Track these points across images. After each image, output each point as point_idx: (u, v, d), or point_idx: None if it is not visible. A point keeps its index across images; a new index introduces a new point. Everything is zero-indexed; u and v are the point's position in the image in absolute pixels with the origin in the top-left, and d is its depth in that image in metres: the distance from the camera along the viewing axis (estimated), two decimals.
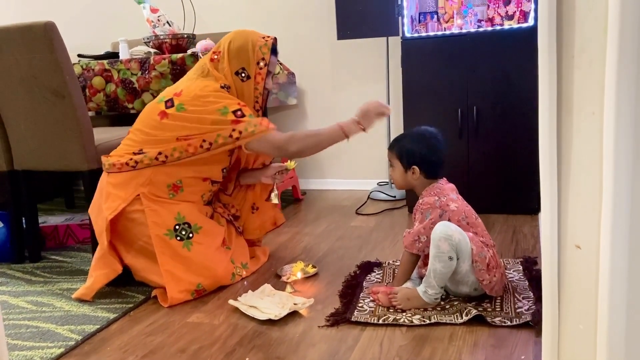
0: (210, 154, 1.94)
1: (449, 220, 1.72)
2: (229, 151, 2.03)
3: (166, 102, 1.97)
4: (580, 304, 0.90)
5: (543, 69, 0.89)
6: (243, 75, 2.03)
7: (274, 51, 2.09)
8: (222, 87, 2.00)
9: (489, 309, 1.67)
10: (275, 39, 2.11)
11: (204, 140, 1.91)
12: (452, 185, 1.86)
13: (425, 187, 1.83)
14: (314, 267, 2.10)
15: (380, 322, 1.64)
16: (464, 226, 1.72)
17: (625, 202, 0.81)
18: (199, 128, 1.91)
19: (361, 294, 1.84)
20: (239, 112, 1.93)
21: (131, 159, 1.93)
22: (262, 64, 2.04)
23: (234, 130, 1.91)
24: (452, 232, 1.64)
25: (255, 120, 1.95)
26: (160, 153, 1.91)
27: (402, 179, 1.88)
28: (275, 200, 2.22)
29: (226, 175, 2.12)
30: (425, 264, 1.73)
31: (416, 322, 1.62)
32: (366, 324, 1.65)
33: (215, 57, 2.06)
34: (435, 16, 2.82)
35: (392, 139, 1.94)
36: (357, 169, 3.44)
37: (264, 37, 2.07)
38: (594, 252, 0.86)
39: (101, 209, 1.95)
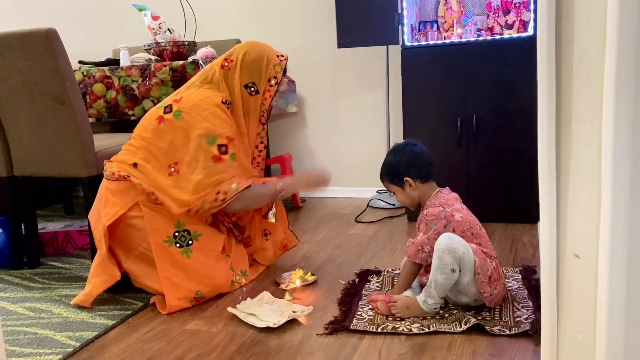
0: (199, 216, 1.97)
1: (454, 231, 1.72)
2: None
3: (165, 107, 1.99)
4: (579, 313, 0.90)
5: (542, 79, 0.89)
6: (252, 89, 2.04)
7: (284, 71, 2.10)
8: (223, 102, 2.00)
9: (488, 318, 1.66)
10: (287, 58, 2.13)
11: (189, 210, 1.92)
12: (455, 195, 1.86)
13: (429, 196, 1.83)
14: (312, 274, 2.10)
15: (379, 330, 1.64)
16: (468, 237, 1.71)
17: (624, 211, 0.82)
18: (184, 152, 1.93)
19: (360, 302, 1.84)
20: (223, 148, 1.93)
21: (128, 176, 1.94)
22: (273, 82, 2.05)
23: (218, 192, 1.92)
24: (455, 245, 1.64)
25: (237, 176, 1.95)
26: (152, 193, 1.92)
27: (406, 196, 1.87)
28: (272, 218, 2.21)
29: None
30: (427, 272, 1.73)
31: (415, 330, 1.62)
32: (365, 332, 1.64)
33: (227, 64, 2.06)
34: (435, 25, 2.83)
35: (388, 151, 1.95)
36: (357, 177, 3.45)
37: (279, 56, 2.08)
38: (593, 261, 0.86)
39: (100, 215, 1.95)
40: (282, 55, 2.10)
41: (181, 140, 1.95)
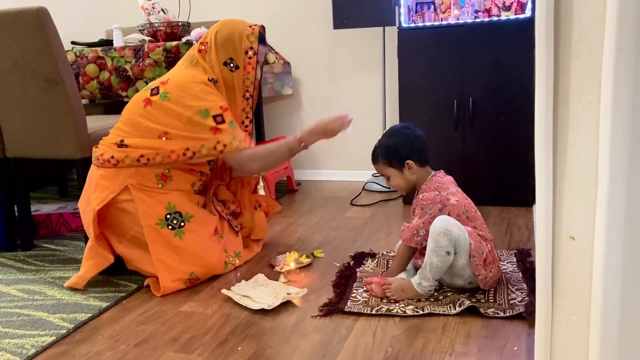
0: (193, 161, 1.94)
1: (449, 214, 1.71)
2: None
3: (152, 89, 1.98)
4: (574, 295, 0.90)
5: (540, 58, 0.88)
6: (231, 65, 2.02)
7: (262, 40, 2.08)
8: (209, 79, 1.98)
9: (483, 300, 1.66)
10: (262, 27, 2.10)
11: (187, 149, 1.90)
12: (450, 178, 1.85)
13: (425, 180, 1.82)
14: (307, 257, 2.09)
15: (374, 312, 1.64)
16: (463, 220, 1.71)
17: (621, 193, 0.81)
18: (176, 124, 1.90)
19: (355, 285, 1.84)
20: (219, 118, 1.92)
21: (113, 157, 1.91)
22: (250, 53, 2.03)
23: (218, 142, 1.90)
24: (451, 227, 1.63)
25: (239, 133, 1.94)
26: (142, 156, 1.90)
27: (402, 180, 1.84)
28: (261, 191, 2.22)
29: (214, 167, 2.10)
30: (422, 255, 1.73)
31: (409, 312, 1.62)
32: (359, 314, 1.64)
33: (203, 47, 2.05)
34: (432, 6, 2.80)
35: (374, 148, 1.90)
36: (352, 160, 3.43)
37: (250, 26, 2.06)
38: (589, 244, 0.86)
39: (89, 201, 1.93)
40: (254, 25, 2.07)
41: (171, 117, 1.91)
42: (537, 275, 0.94)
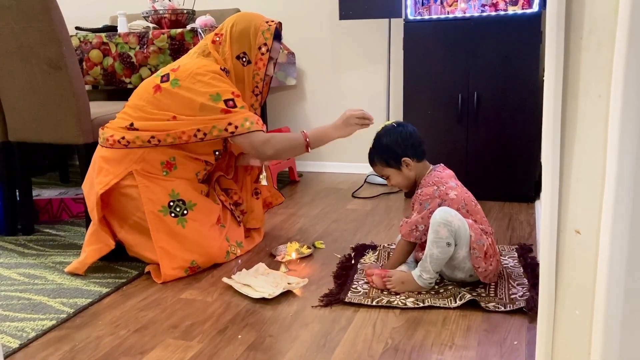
0: (203, 143, 1.93)
1: None
2: None
3: (162, 76, 1.96)
4: (577, 289, 0.90)
5: (550, 51, 0.87)
6: (244, 59, 2.00)
7: (277, 37, 2.05)
8: (221, 69, 1.97)
9: (483, 294, 1.66)
10: (279, 24, 2.07)
11: (198, 130, 1.89)
12: (450, 172, 1.85)
13: (424, 175, 1.82)
14: (308, 248, 2.09)
15: (374, 304, 1.64)
16: (463, 214, 1.70)
17: (628, 187, 0.80)
18: (186, 111, 1.89)
19: (355, 276, 1.84)
20: (230, 102, 1.90)
21: (123, 138, 1.90)
22: (264, 49, 2.00)
23: (229, 124, 1.89)
24: (451, 219, 1.63)
25: (251, 115, 1.93)
26: (153, 137, 1.89)
27: (402, 178, 1.84)
28: (264, 182, 2.21)
29: (219, 157, 2.10)
30: (422, 248, 1.73)
31: (410, 305, 1.62)
32: (360, 306, 1.64)
33: (217, 39, 2.02)
34: None
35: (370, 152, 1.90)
36: (354, 153, 3.42)
37: (267, 22, 2.03)
38: (594, 238, 0.85)
39: (93, 184, 1.93)
40: (271, 21, 2.04)
41: (181, 104, 1.90)
42: (541, 268, 0.94)
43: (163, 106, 1.92)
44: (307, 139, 2.01)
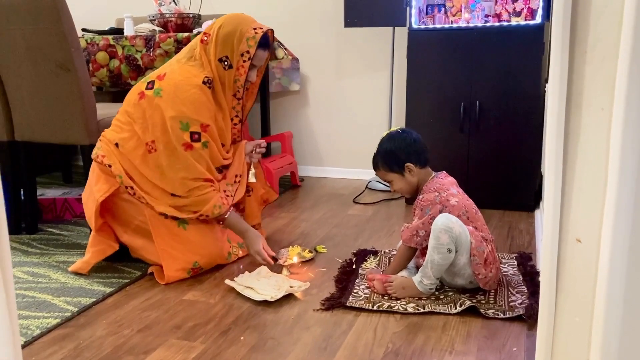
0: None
1: None
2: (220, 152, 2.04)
3: (148, 83, 1.97)
4: (577, 296, 0.92)
5: (555, 64, 0.89)
6: (226, 64, 1.98)
7: (264, 44, 2.00)
8: (205, 82, 1.94)
9: (483, 301, 1.68)
10: (270, 30, 2.02)
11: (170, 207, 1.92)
12: (452, 179, 1.87)
13: (426, 181, 1.84)
14: (310, 252, 2.11)
15: (375, 308, 1.66)
16: (464, 221, 1.72)
17: (629, 197, 0.82)
18: (157, 129, 1.90)
19: (356, 281, 1.86)
20: (195, 136, 1.91)
21: (110, 166, 1.93)
22: (245, 56, 1.97)
23: (200, 215, 1.93)
24: (452, 225, 1.65)
25: (218, 199, 1.95)
26: (131, 187, 1.92)
27: (405, 184, 1.86)
28: (252, 179, 2.21)
29: (222, 170, 2.11)
30: (423, 254, 1.75)
31: (410, 310, 1.64)
32: (361, 310, 1.66)
33: (205, 38, 2.00)
34: (443, 9, 2.81)
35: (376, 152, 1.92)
36: (356, 159, 3.45)
37: (255, 29, 1.97)
38: (595, 246, 0.87)
39: (92, 192, 1.95)
40: (260, 28, 1.98)
41: (156, 120, 1.91)
42: (542, 275, 0.96)
43: (144, 113, 1.93)
44: (227, 214, 2.00)
